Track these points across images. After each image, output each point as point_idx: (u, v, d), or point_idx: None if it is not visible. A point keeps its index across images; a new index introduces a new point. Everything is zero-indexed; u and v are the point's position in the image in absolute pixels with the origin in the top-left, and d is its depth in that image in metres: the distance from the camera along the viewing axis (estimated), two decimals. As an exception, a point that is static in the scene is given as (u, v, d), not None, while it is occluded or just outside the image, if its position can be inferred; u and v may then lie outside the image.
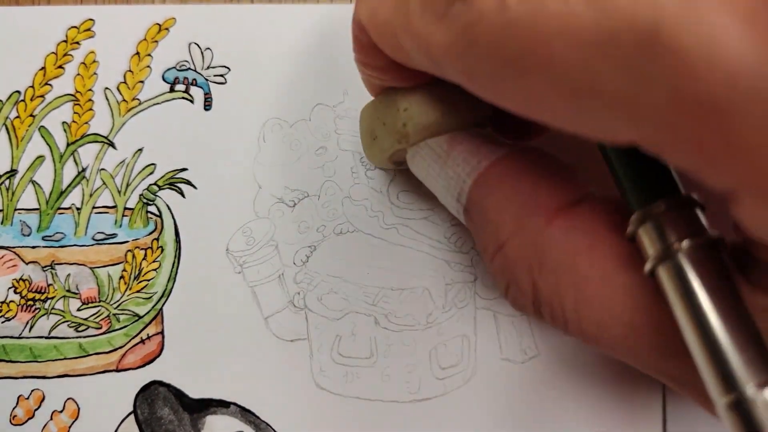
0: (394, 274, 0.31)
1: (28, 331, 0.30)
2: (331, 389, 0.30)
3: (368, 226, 0.31)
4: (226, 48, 0.32)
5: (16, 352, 0.30)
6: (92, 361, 0.30)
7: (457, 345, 0.30)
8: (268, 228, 0.31)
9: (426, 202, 0.31)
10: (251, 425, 0.29)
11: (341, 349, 0.30)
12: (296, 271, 0.31)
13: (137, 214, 0.31)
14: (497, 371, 0.30)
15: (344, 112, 0.32)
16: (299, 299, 0.30)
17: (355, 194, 0.31)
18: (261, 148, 0.32)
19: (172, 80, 0.32)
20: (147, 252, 0.31)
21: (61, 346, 0.30)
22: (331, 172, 0.31)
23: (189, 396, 0.29)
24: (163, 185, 0.31)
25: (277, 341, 0.30)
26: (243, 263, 0.31)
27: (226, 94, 0.32)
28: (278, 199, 0.31)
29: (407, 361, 0.30)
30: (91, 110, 0.32)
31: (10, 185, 0.31)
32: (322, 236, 0.31)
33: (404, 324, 0.30)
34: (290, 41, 0.32)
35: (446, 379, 0.30)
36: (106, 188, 0.31)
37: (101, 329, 0.30)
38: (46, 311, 0.30)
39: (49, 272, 0.30)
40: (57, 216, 0.31)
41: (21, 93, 0.32)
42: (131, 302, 0.30)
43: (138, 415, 0.29)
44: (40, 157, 0.31)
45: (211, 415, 0.29)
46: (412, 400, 0.30)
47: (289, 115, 0.32)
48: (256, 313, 0.30)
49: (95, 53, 0.32)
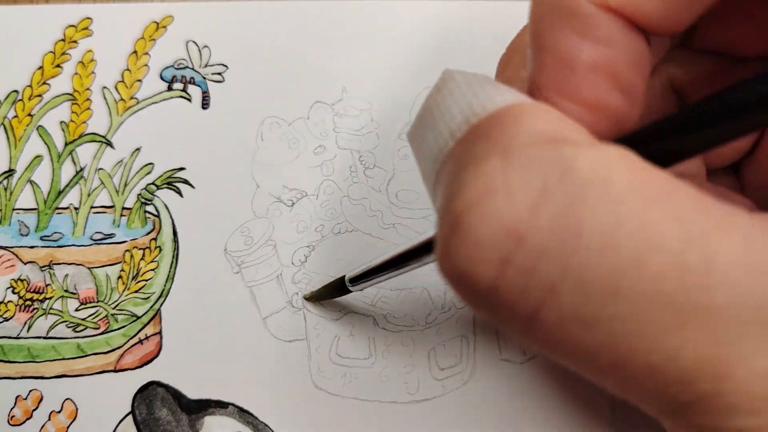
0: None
1: (26, 331, 0.30)
2: (330, 390, 0.29)
3: (367, 226, 0.31)
4: (224, 45, 0.32)
5: (14, 353, 0.30)
6: (90, 361, 0.30)
7: (456, 345, 0.30)
8: (267, 228, 0.31)
9: (425, 202, 0.31)
10: (249, 426, 0.29)
11: (340, 349, 0.30)
12: (295, 271, 0.30)
13: (135, 213, 0.31)
14: (496, 372, 0.29)
15: (343, 110, 0.32)
16: (298, 299, 0.30)
17: (353, 193, 0.31)
18: (259, 147, 0.31)
19: (169, 79, 0.32)
20: (145, 252, 0.31)
21: (59, 347, 0.30)
22: (329, 171, 0.31)
23: (187, 396, 0.29)
24: (161, 185, 0.31)
25: (275, 342, 0.30)
26: (241, 263, 0.30)
27: (224, 93, 0.32)
28: (276, 199, 0.31)
29: (406, 361, 0.30)
30: (89, 109, 0.32)
31: (8, 185, 0.31)
32: (321, 236, 0.31)
33: (403, 324, 0.30)
34: (288, 38, 0.32)
35: (445, 380, 0.29)
36: (104, 188, 0.31)
37: (99, 329, 0.30)
38: (44, 311, 0.30)
39: (47, 272, 0.30)
40: (55, 216, 0.31)
41: (19, 92, 0.32)
42: (129, 302, 0.30)
43: (136, 415, 0.29)
44: (38, 157, 0.31)
45: (209, 416, 0.29)
46: (411, 401, 0.29)
47: (288, 113, 0.32)
48: (254, 314, 0.30)
49: (93, 52, 0.32)
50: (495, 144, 0.15)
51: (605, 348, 0.14)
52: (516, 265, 0.14)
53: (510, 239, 0.14)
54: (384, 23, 0.32)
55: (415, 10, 0.32)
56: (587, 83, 0.16)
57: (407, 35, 0.32)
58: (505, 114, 0.15)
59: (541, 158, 0.14)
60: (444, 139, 0.16)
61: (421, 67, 0.32)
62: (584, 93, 0.16)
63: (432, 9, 0.32)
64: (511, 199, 0.14)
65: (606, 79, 0.16)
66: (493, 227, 0.14)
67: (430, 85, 0.31)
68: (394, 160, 0.31)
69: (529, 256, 0.14)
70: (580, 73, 0.16)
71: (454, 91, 0.17)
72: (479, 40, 0.32)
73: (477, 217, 0.14)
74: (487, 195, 0.14)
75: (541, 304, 0.14)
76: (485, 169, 0.14)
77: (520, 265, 0.14)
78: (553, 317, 0.14)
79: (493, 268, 0.14)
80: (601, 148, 0.14)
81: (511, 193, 0.14)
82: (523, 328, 0.15)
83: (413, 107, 0.32)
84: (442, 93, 0.17)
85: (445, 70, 0.18)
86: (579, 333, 0.14)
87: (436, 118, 0.17)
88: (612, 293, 0.13)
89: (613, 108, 0.16)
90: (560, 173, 0.14)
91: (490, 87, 0.16)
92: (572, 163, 0.14)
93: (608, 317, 0.13)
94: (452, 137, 0.16)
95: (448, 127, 0.16)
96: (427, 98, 0.18)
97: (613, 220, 0.13)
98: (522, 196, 0.14)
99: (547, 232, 0.14)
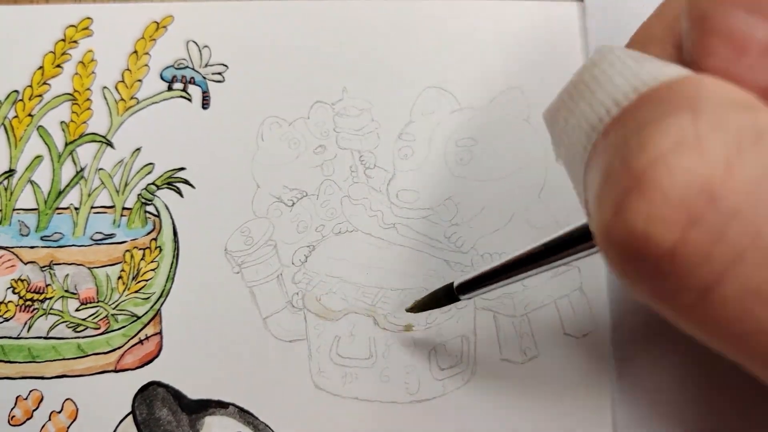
0: (394, 274, 0.30)
1: (26, 331, 0.30)
2: (330, 390, 0.29)
3: (367, 226, 0.31)
4: (224, 45, 0.32)
5: (15, 353, 0.30)
6: (90, 361, 0.30)
7: (456, 345, 0.30)
8: (267, 228, 0.31)
9: (426, 201, 0.31)
10: (250, 426, 0.29)
11: (340, 349, 0.30)
12: (295, 271, 0.30)
13: (135, 213, 0.31)
14: (497, 372, 0.29)
15: (343, 109, 0.32)
16: (298, 299, 0.30)
17: (354, 193, 0.31)
18: (259, 147, 0.31)
19: (170, 78, 0.32)
20: (145, 252, 0.31)
21: (59, 347, 0.30)
22: (330, 171, 0.31)
23: (187, 396, 0.29)
24: (161, 185, 0.31)
25: (275, 342, 0.30)
26: (241, 263, 0.30)
27: (224, 93, 0.32)
28: (277, 199, 0.31)
29: (406, 361, 0.30)
30: (90, 110, 0.32)
31: (9, 185, 0.31)
32: (321, 236, 0.31)
33: (403, 325, 0.30)
34: (288, 38, 0.32)
35: (446, 380, 0.29)
36: (104, 188, 0.31)
37: (100, 329, 0.30)
38: (45, 311, 0.30)
39: (47, 272, 0.30)
40: (55, 216, 0.31)
41: (19, 92, 0.32)
42: (130, 302, 0.30)
43: (136, 415, 0.29)
44: (39, 157, 0.31)
45: (209, 416, 0.29)
46: (412, 401, 0.29)
47: (288, 113, 0.32)
48: (254, 314, 0.30)
49: (93, 52, 0.32)
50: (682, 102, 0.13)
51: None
52: (704, 227, 0.12)
53: (701, 197, 0.12)
54: (384, 23, 0.32)
55: (416, 10, 0.32)
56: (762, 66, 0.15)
57: (408, 35, 0.32)
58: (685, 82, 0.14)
59: (735, 119, 0.13)
60: (606, 107, 0.15)
61: (421, 67, 0.32)
62: (759, 76, 0.15)
63: (432, 9, 0.32)
64: (705, 155, 0.13)
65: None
66: (683, 183, 0.13)
67: (430, 85, 0.32)
68: (394, 160, 0.31)
69: (720, 217, 0.12)
70: (755, 54, 0.15)
71: (615, 63, 0.16)
72: (480, 39, 0.32)
73: (665, 171, 0.13)
74: (678, 148, 0.13)
75: (723, 273, 0.13)
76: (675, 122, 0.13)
77: (709, 226, 0.12)
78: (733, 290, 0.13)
79: (678, 228, 0.13)
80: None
81: (704, 148, 0.13)
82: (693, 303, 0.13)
83: (413, 107, 0.32)
84: (600, 66, 0.16)
85: (601, 46, 0.17)
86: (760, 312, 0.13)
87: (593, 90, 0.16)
88: None
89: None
90: (756, 136, 0.13)
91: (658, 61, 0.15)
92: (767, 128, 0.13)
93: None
94: (617, 105, 0.15)
95: (611, 96, 0.15)
96: (578, 73, 0.17)
97: None
98: (716, 153, 0.13)
99: (741, 193, 0.12)
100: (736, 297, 0.13)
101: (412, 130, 0.31)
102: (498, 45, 0.32)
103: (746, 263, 0.12)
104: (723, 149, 0.13)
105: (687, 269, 0.13)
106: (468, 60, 0.32)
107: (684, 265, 0.13)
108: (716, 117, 0.13)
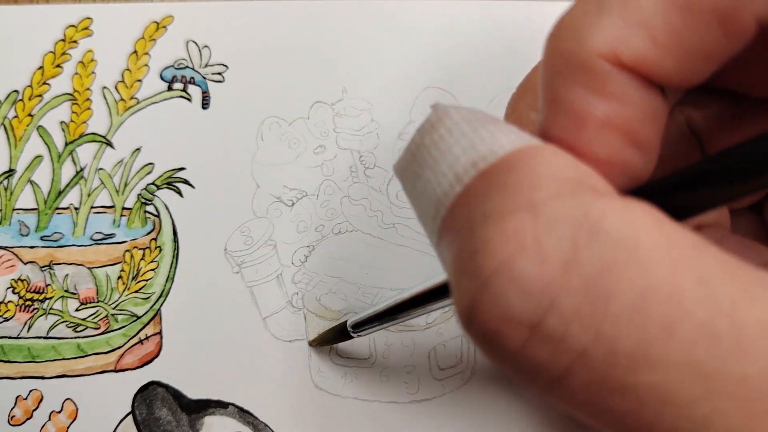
0: (394, 274, 0.30)
1: (26, 331, 0.30)
2: (330, 390, 0.29)
3: (367, 226, 0.31)
4: (224, 46, 0.32)
5: (15, 353, 0.30)
6: (90, 361, 0.30)
7: (456, 346, 0.30)
8: (267, 227, 0.31)
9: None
10: (249, 426, 0.29)
11: (340, 349, 0.30)
12: (295, 271, 0.30)
13: (135, 213, 0.31)
14: (496, 372, 0.29)
15: (343, 109, 0.32)
16: (298, 299, 0.30)
17: (353, 193, 0.31)
18: (259, 147, 0.31)
19: (170, 78, 0.32)
20: (145, 252, 0.31)
21: (59, 347, 0.30)
22: (329, 171, 0.31)
23: (187, 396, 0.29)
24: (161, 185, 0.31)
25: (275, 342, 0.30)
26: (241, 263, 0.30)
27: (224, 93, 0.32)
28: (276, 199, 0.31)
29: (406, 361, 0.30)
30: (89, 109, 0.32)
31: (8, 185, 0.31)
32: (321, 236, 0.31)
33: (403, 325, 0.30)
34: (288, 38, 0.32)
35: (445, 380, 0.29)
36: (104, 188, 0.31)
37: (99, 329, 0.30)
38: (45, 311, 0.30)
39: (47, 272, 0.30)
40: (55, 216, 0.31)
41: (19, 92, 0.32)
42: (129, 302, 0.30)
43: (136, 415, 0.29)
44: (38, 157, 0.31)
45: (209, 416, 0.29)
46: (411, 401, 0.29)
47: (288, 113, 0.32)
48: (254, 314, 0.30)
49: (93, 52, 0.32)
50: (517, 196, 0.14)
51: (632, 413, 0.14)
52: (547, 329, 0.13)
53: (542, 303, 0.13)
54: (384, 23, 0.32)
55: (416, 10, 0.32)
56: (599, 139, 0.16)
57: (408, 35, 0.32)
58: (518, 159, 0.15)
59: (568, 213, 0.14)
60: (449, 182, 0.16)
61: (421, 67, 0.32)
62: (596, 148, 0.16)
63: (432, 9, 0.32)
64: (544, 259, 0.13)
65: (619, 135, 0.16)
66: (525, 289, 0.13)
67: (430, 85, 0.32)
68: (394, 160, 0.31)
69: (561, 320, 0.13)
70: (592, 128, 0.16)
71: (453, 130, 0.16)
72: (479, 40, 0.32)
73: (508, 279, 0.13)
74: (518, 254, 0.13)
75: (569, 367, 0.14)
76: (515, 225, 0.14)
77: (551, 329, 0.13)
78: (580, 381, 0.14)
79: (524, 331, 0.14)
80: (627, 204, 0.14)
81: (542, 251, 0.13)
82: (549, 389, 0.14)
83: (413, 107, 0.32)
84: (438, 131, 0.16)
85: (436, 105, 0.17)
86: (606, 398, 0.14)
87: (436, 158, 0.16)
88: (642, 360, 0.13)
89: (627, 163, 0.16)
90: (589, 232, 0.13)
91: (493, 126, 0.16)
92: (600, 221, 0.13)
93: (637, 383, 0.13)
94: (459, 182, 0.15)
95: (453, 169, 0.16)
96: (420, 133, 0.17)
97: (643, 284, 0.13)
98: (554, 256, 0.13)
99: (578, 295, 0.13)
100: (584, 386, 0.14)
101: (412, 130, 0.31)
102: (498, 45, 0.32)
103: (588, 359, 0.13)
104: (560, 251, 0.13)
105: (537, 364, 0.14)
106: (468, 60, 0.32)
107: (533, 361, 0.14)
108: (553, 213, 0.14)
